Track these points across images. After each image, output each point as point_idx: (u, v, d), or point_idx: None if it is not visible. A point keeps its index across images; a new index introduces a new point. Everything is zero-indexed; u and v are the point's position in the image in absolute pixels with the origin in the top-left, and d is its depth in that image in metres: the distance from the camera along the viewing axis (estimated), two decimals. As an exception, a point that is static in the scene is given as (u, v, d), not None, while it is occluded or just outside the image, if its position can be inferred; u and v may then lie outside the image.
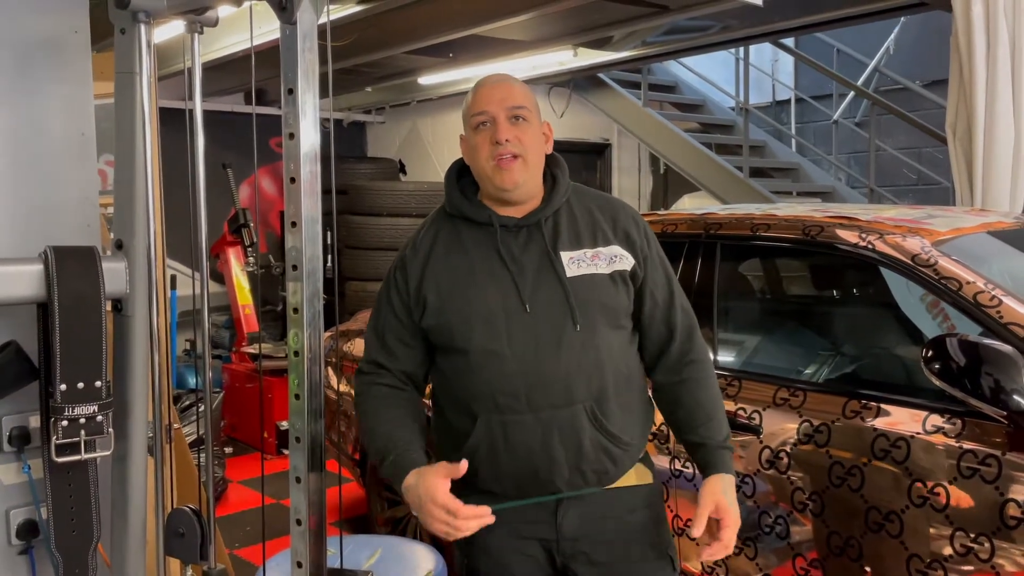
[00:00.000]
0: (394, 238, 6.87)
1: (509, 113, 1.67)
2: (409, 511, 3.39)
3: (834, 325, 2.66)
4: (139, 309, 1.65)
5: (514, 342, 1.63)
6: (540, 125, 1.73)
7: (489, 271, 1.67)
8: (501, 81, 1.73)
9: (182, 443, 2.82)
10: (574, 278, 1.65)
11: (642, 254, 1.71)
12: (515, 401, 1.62)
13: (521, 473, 1.65)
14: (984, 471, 1.86)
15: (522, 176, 1.66)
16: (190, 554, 1.61)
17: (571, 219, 1.71)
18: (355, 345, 3.70)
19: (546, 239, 1.68)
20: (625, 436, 1.67)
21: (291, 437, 1.62)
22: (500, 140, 1.64)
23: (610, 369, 1.65)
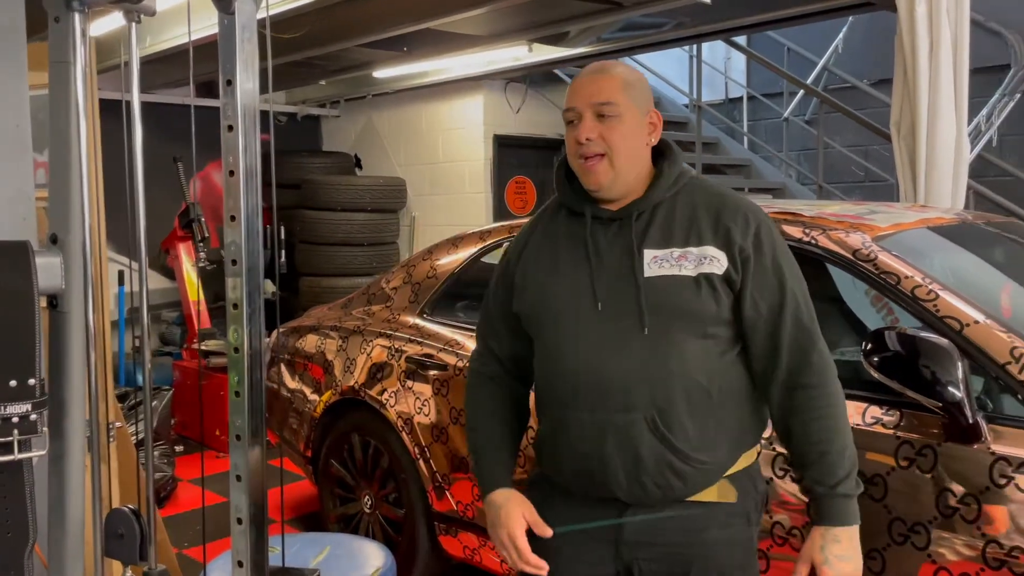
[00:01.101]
0: (349, 233, 6.82)
1: (596, 110, 1.59)
2: (361, 508, 3.38)
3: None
4: (75, 305, 1.61)
5: (580, 339, 1.60)
6: (638, 118, 1.61)
7: (573, 263, 1.65)
8: (594, 73, 1.63)
9: (126, 441, 2.77)
10: (652, 278, 1.56)
11: (742, 256, 1.56)
12: (573, 399, 1.61)
13: (578, 471, 1.64)
14: (921, 461, 1.90)
15: (607, 177, 1.60)
16: (129, 555, 1.59)
17: (669, 215, 1.61)
18: (306, 341, 3.67)
19: (633, 234, 1.60)
20: (698, 453, 1.56)
21: (231, 435, 1.60)
22: (581, 139, 1.59)
23: (683, 379, 1.55)
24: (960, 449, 1.86)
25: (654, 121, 1.65)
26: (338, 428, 3.43)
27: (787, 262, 1.60)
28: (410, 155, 7.37)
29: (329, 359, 3.51)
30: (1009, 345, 1.91)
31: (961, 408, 1.83)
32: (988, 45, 5.91)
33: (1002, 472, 1.80)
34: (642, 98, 1.63)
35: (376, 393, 3.19)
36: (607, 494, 1.61)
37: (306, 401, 3.58)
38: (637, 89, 1.63)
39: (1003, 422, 1.87)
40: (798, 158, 7.27)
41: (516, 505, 1.67)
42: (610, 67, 1.65)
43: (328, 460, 3.46)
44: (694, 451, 1.56)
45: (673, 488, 1.57)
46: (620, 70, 1.64)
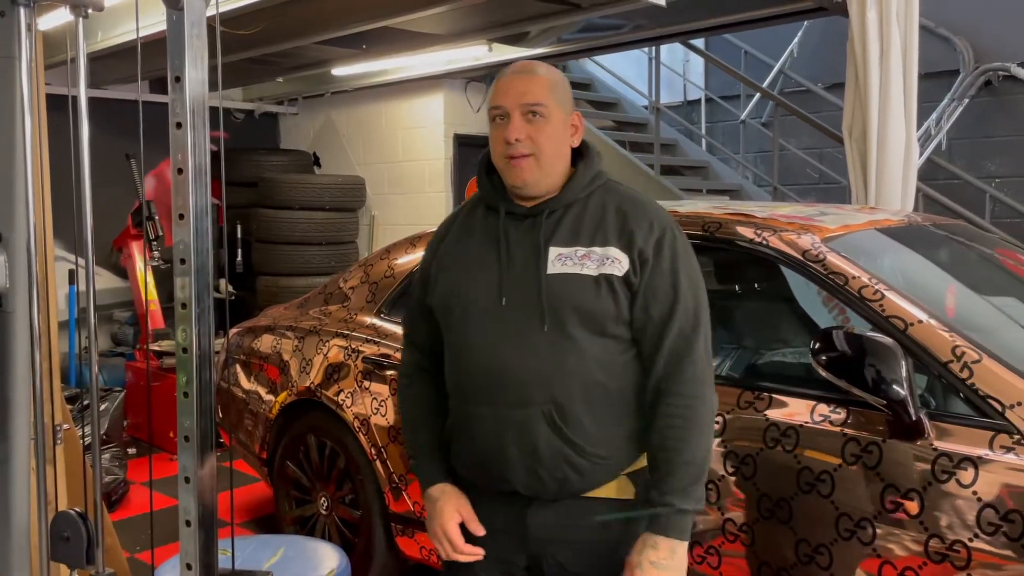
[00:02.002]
0: (307, 232, 6.75)
1: (524, 110, 1.61)
2: (317, 509, 3.36)
3: (733, 319, 2.74)
4: (19, 305, 1.58)
5: (484, 333, 1.64)
6: (563, 119, 1.64)
7: (484, 258, 1.67)
8: (522, 73, 1.65)
9: (75, 444, 2.71)
10: (554, 275, 1.59)
11: (641, 259, 1.59)
12: (477, 393, 1.65)
13: (479, 465, 1.68)
14: (866, 458, 1.94)
15: (533, 175, 1.63)
16: (76, 558, 1.56)
17: (579, 215, 1.64)
18: (261, 341, 3.63)
19: (542, 231, 1.63)
20: (595, 448, 1.59)
21: (180, 436, 1.58)
22: (510, 139, 1.61)
23: (581, 375, 1.58)
24: (904, 446, 1.91)
25: (575, 123, 1.69)
26: (294, 429, 3.40)
27: (686, 271, 1.62)
28: (369, 154, 7.33)
29: (285, 359, 3.48)
30: (951, 344, 1.96)
31: (905, 406, 1.87)
32: (938, 51, 6.05)
33: (944, 468, 1.85)
34: (566, 100, 1.67)
35: (333, 394, 3.17)
36: (507, 488, 1.65)
37: (261, 402, 3.55)
38: (561, 91, 1.66)
39: (945, 419, 1.92)
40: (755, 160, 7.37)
41: (450, 499, 1.71)
42: (537, 67, 1.67)
43: (284, 462, 3.42)
44: (591, 446, 1.59)
45: (570, 481, 1.60)
46: (547, 71, 1.67)
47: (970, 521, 1.80)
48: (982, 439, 1.84)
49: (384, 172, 7.17)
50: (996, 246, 2.94)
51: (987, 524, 1.78)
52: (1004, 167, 6.14)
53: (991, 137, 6.17)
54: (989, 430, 1.85)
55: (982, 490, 1.80)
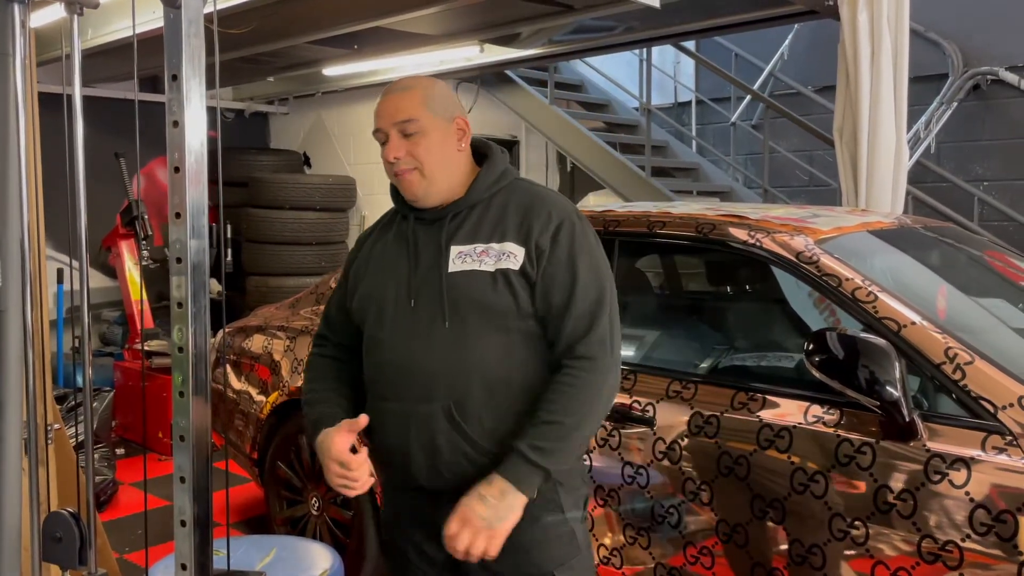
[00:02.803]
0: (297, 232, 6.74)
1: (400, 128, 1.66)
2: (309, 510, 3.34)
3: (727, 320, 2.75)
4: (12, 303, 1.57)
5: (394, 332, 1.69)
6: (443, 128, 1.67)
7: (396, 260, 1.73)
8: (394, 92, 1.69)
9: (65, 444, 2.69)
10: (454, 273, 1.64)
11: (537, 251, 1.62)
12: (386, 389, 1.70)
13: (388, 459, 1.74)
14: (860, 459, 1.95)
15: (421, 188, 1.68)
16: (68, 559, 1.55)
17: (482, 214, 1.68)
18: (252, 341, 3.62)
19: (444, 232, 1.68)
20: (491, 445, 1.61)
21: (175, 436, 1.58)
22: (388, 159, 1.68)
23: (481, 371, 1.61)
24: (897, 447, 1.92)
25: (462, 127, 1.71)
26: (285, 429, 3.39)
27: (585, 257, 1.64)
28: (360, 154, 7.31)
29: (276, 359, 3.46)
30: (944, 345, 1.97)
31: (898, 407, 1.88)
32: (927, 55, 6.09)
33: (936, 469, 1.86)
34: (444, 107, 1.68)
35: (324, 394, 3.16)
36: (412, 483, 1.69)
37: (252, 402, 3.53)
38: (438, 100, 1.68)
39: (938, 420, 1.93)
40: (745, 162, 7.40)
41: (332, 432, 1.68)
42: (408, 84, 1.70)
43: (275, 462, 3.41)
44: (489, 443, 1.61)
45: (468, 477, 1.61)
46: (418, 84, 1.69)
47: (962, 522, 1.81)
48: (974, 440, 1.86)
49: (374, 172, 7.15)
50: (985, 248, 2.97)
51: (979, 524, 1.79)
52: (992, 170, 6.18)
53: (979, 141, 6.21)
54: (981, 431, 1.86)
55: (974, 491, 1.81)
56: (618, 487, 2.35)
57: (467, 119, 1.73)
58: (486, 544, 1.55)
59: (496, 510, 1.55)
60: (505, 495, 1.55)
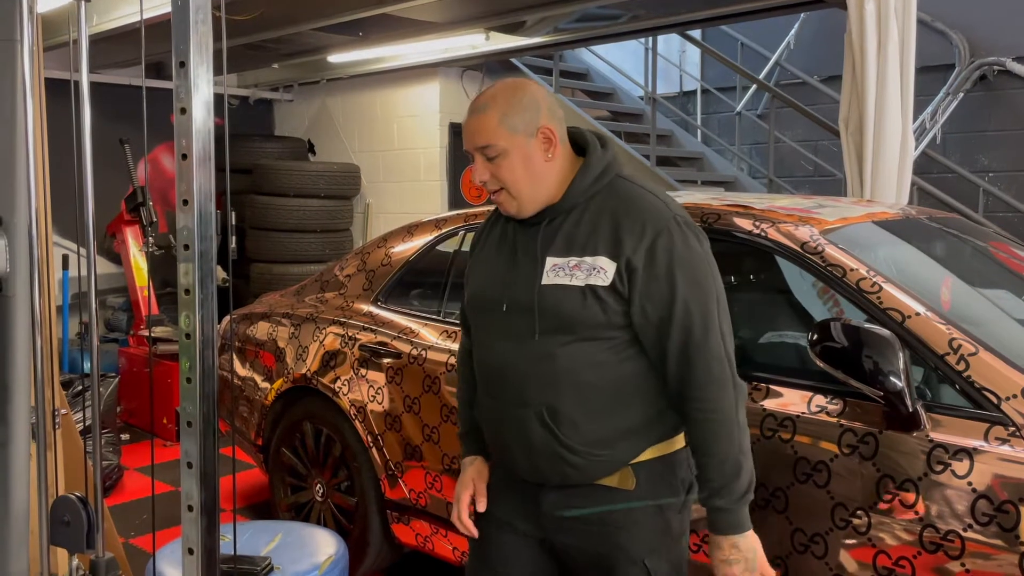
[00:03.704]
0: (301, 219, 6.74)
1: (482, 153, 1.66)
2: (313, 496, 3.37)
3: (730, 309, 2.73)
4: (20, 289, 1.58)
5: (491, 335, 1.75)
6: (525, 145, 1.64)
7: (499, 263, 1.76)
8: (472, 115, 1.68)
9: (71, 429, 2.71)
10: (547, 286, 1.64)
11: (629, 268, 1.60)
12: (487, 388, 1.78)
13: (492, 449, 1.84)
14: (863, 448, 1.96)
15: (513, 206, 1.69)
16: (76, 543, 1.56)
17: (577, 221, 1.67)
18: (257, 328, 3.63)
19: (540, 241, 1.68)
20: (589, 448, 1.64)
21: (182, 422, 1.59)
22: (476, 183, 1.70)
23: (571, 378, 1.63)
24: (900, 437, 1.93)
25: (548, 136, 1.66)
26: (290, 416, 3.41)
27: (684, 272, 1.61)
28: (364, 141, 7.31)
29: (281, 347, 3.48)
30: (948, 336, 1.97)
31: (902, 397, 1.89)
32: (934, 45, 6.07)
33: (939, 459, 1.87)
34: (525, 122, 1.65)
35: (329, 381, 3.17)
36: (513, 474, 1.77)
37: (257, 389, 3.55)
38: (518, 115, 1.64)
39: (941, 411, 1.93)
40: (750, 152, 7.38)
41: (470, 471, 1.85)
42: (484, 103, 1.67)
43: (279, 448, 3.43)
44: (584, 445, 1.65)
45: (568, 475, 1.68)
46: (494, 103, 1.65)
47: (964, 512, 1.81)
48: (977, 431, 1.86)
49: (379, 160, 7.15)
50: (990, 239, 2.96)
51: (981, 515, 1.80)
52: (997, 161, 6.17)
53: (985, 131, 6.19)
54: (984, 422, 1.86)
55: (977, 481, 1.81)
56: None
57: (554, 126, 1.67)
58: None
59: (743, 559, 1.62)
60: (737, 546, 1.62)
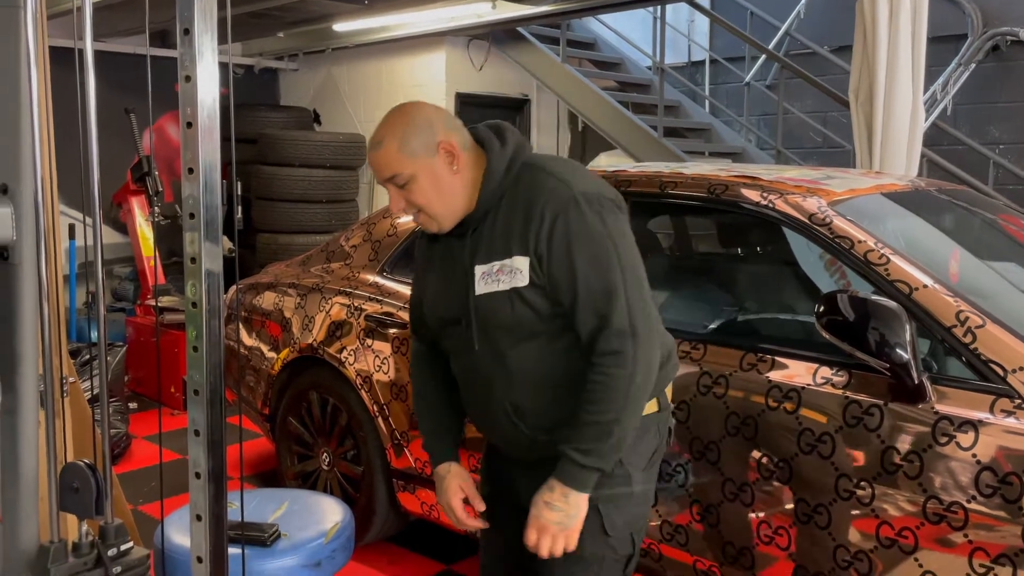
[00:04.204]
0: (306, 190, 6.73)
1: (392, 184, 1.68)
2: (319, 465, 3.39)
3: (737, 281, 2.75)
4: (27, 257, 1.58)
5: (456, 345, 1.79)
6: (429, 166, 1.65)
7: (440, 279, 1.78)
8: (373, 151, 1.69)
9: (79, 397, 2.73)
10: (480, 296, 1.67)
11: (538, 256, 1.61)
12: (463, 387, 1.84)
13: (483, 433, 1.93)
14: (868, 420, 1.96)
15: (434, 223, 1.71)
16: (85, 509, 1.57)
17: (493, 223, 1.68)
18: (263, 298, 3.64)
19: (466, 252, 1.70)
20: (555, 434, 1.67)
21: (189, 390, 1.59)
22: (395, 212, 1.75)
23: (525, 378, 1.69)
24: (905, 409, 1.93)
25: (449, 150, 1.67)
26: (296, 386, 3.42)
27: (582, 251, 1.60)
28: (370, 111, 7.27)
29: (287, 316, 3.49)
30: (955, 309, 1.97)
31: (908, 369, 1.88)
32: (946, 14, 5.98)
33: (944, 431, 1.87)
34: (423, 143, 1.65)
35: (335, 351, 3.18)
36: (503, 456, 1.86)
37: (263, 359, 3.56)
38: (415, 139, 1.65)
39: (947, 383, 1.93)
40: (758, 123, 7.32)
41: (454, 477, 1.86)
42: (379, 138, 1.69)
43: (286, 417, 3.45)
44: (551, 433, 1.69)
45: (542, 453, 1.71)
46: (390, 133, 1.66)
47: (968, 483, 1.82)
48: (983, 403, 1.86)
49: (385, 130, 7.10)
50: (999, 212, 2.94)
51: (985, 486, 1.80)
52: (1008, 133, 6.10)
53: (996, 103, 6.12)
54: (990, 394, 1.86)
55: (981, 453, 1.82)
56: (626, 446, 2.37)
57: (452, 139, 1.67)
58: (564, 543, 1.66)
59: (565, 512, 1.64)
60: (568, 496, 1.64)
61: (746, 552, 2.17)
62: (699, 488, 2.25)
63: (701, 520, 2.24)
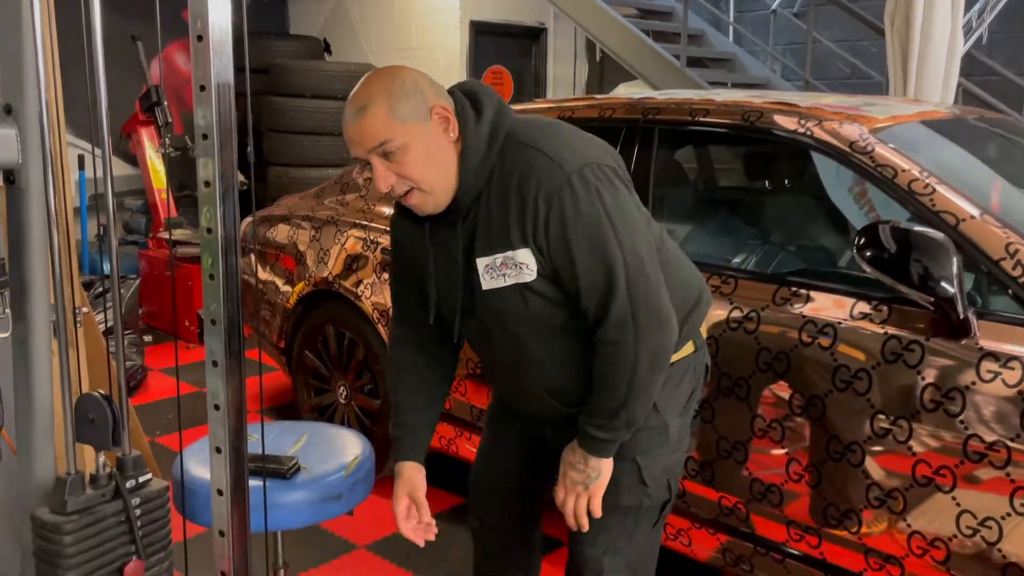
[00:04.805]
0: (318, 122, 6.60)
1: (378, 156, 1.49)
2: (336, 398, 3.37)
3: (770, 213, 2.65)
4: (33, 181, 1.51)
5: (473, 336, 1.72)
6: (423, 131, 1.48)
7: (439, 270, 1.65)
8: (355, 120, 1.49)
9: (94, 328, 2.69)
10: (488, 292, 1.57)
11: (539, 248, 1.50)
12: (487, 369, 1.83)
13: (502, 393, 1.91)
14: (907, 356, 1.89)
15: (430, 203, 1.55)
16: (102, 440, 1.53)
17: (488, 209, 1.54)
18: (277, 231, 3.57)
19: (462, 243, 1.57)
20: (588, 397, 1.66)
21: (206, 320, 1.54)
22: (382, 189, 1.51)
23: (550, 363, 1.63)
24: (948, 345, 1.85)
25: (442, 114, 1.51)
26: (312, 319, 3.38)
27: (580, 239, 1.49)
28: (382, 41, 7.09)
29: (301, 250, 3.42)
30: (1004, 241, 1.88)
31: (953, 304, 1.80)
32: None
33: (989, 367, 1.80)
34: (415, 106, 1.48)
35: (351, 284, 3.12)
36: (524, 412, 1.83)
37: (278, 292, 3.51)
38: (405, 102, 1.48)
39: (992, 318, 1.85)
40: (784, 52, 7.09)
41: (406, 482, 1.76)
42: (364, 101, 1.49)
43: (302, 351, 3.42)
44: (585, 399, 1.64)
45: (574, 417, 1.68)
46: (376, 97, 1.48)
47: (1014, 421, 1.75)
48: (1030, 339, 1.78)
49: (397, 61, 6.94)
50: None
51: (1030, 425, 1.74)
52: (1044, 64, 5.89)
53: (1034, 32, 5.89)
54: (1038, 330, 1.79)
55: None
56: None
57: (445, 103, 1.52)
58: (587, 503, 1.64)
59: (586, 474, 1.63)
60: (588, 461, 1.62)
61: (774, 490, 2.12)
62: (727, 425, 2.20)
63: (728, 457, 2.20)
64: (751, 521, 2.18)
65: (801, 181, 2.67)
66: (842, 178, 2.27)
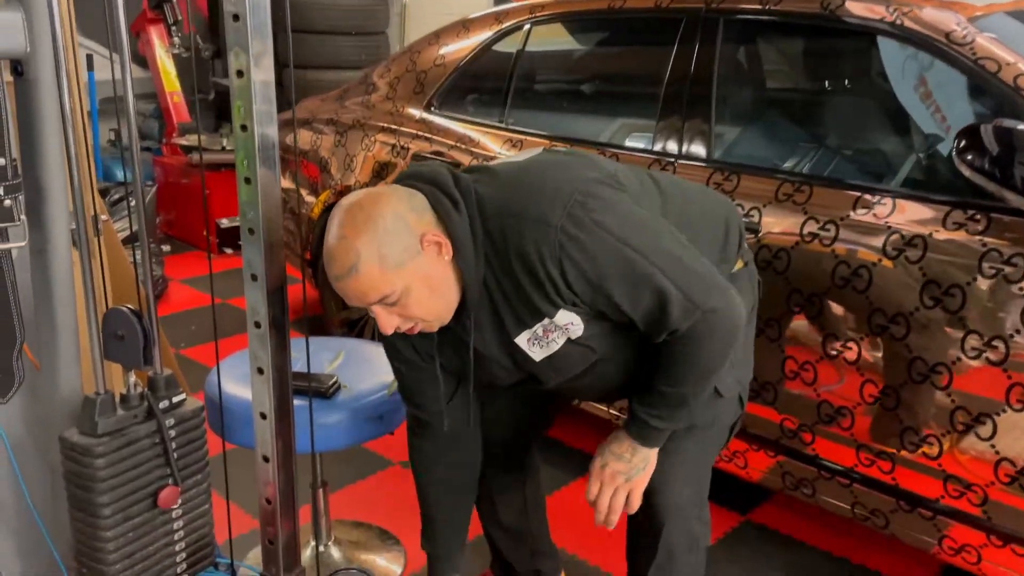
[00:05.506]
0: (336, 22, 6.29)
1: (381, 306, 1.40)
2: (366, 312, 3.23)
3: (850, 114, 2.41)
4: (44, 72, 1.34)
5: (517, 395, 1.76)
6: (420, 268, 1.37)
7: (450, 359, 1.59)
8: (346, 280, 1.36)
9: (113, 237, 2.54)
10: (542, 361, 1.52)
11: (571, 304, 1.43)
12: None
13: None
14: (1008, 271, 1.72)
15: (435, 326, 1.48)
16: (132, 358, 1.40)
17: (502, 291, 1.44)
18: (299, 136, 3.38)
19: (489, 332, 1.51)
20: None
21: (243, 229, 1.39)
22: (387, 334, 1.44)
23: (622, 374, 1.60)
24: (1057, 258, 1.68)
25: (433, 241, 1.38)
26: (340, 228, 3.22)
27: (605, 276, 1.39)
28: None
29: (325, 157, 3.24)
30: (1124, 143, 1.68)
31: (1065, 212, 1.63)
32: None
33: (1103, 284, 1.63)
34: (405, 246, 1.36)
35: (381, 191, 2.95)
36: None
37: (302, 201, 3.34)
38: (393, 245, 1.35)
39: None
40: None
41: None
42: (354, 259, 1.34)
43: (329, 262, 3.27)
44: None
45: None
46: (362, 251, 1.34)
47: None
48: None
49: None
50: None
51: None
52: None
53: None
54: None
55: None
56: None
57: (428, 221, 1.38)
58: (626, 496, 1.58)
59: (631, 464, 1.57)
60: (636, 451, 1.56)
61: (845, 412, 1.99)
62: (794, 344, 2.05)
63: (795, 377, 2.06)
64: (816, 444, 2.06)
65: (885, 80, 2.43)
66: (908, 73, 2.06)
